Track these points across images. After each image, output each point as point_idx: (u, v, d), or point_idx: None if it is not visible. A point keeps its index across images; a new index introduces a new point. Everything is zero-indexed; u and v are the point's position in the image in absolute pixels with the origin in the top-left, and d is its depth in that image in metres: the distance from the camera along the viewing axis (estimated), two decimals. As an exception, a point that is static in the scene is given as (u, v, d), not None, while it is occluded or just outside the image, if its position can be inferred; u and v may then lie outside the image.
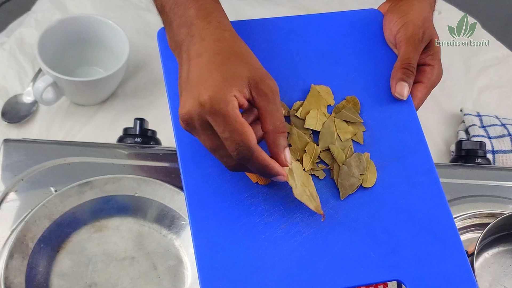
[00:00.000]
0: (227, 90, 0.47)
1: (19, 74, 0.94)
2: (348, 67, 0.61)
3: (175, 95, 0.53)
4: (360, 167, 0.55)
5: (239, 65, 0.49)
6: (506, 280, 0.71)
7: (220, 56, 0.49)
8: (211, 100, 0.46)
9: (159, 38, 0.60)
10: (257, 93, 0.49)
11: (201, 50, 0.50)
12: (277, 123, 0.49)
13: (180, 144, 0.55)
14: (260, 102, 0.49)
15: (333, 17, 0.64)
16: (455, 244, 0.53)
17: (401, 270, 0.52)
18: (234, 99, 0.47)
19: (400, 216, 0.54)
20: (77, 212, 0.69)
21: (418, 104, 0.60)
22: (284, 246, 0.51)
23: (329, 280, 0.50)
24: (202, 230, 0.51)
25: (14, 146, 0.73)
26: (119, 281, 0.66)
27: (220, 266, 0.50)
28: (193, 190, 0.53)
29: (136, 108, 0.93)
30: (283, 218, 0.53)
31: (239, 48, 0.51)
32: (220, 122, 0.47)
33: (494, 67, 1.05)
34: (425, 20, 0.61)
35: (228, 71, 0.48)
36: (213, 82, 0.47)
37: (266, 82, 0.49)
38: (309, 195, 0.53)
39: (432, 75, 0.60)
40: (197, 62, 0.49)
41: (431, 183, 0.56)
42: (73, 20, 0.91)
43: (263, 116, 0.49)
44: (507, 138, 0.90)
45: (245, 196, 0.53)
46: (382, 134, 0.58)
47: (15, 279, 0.63)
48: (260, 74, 0.49)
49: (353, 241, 0.52)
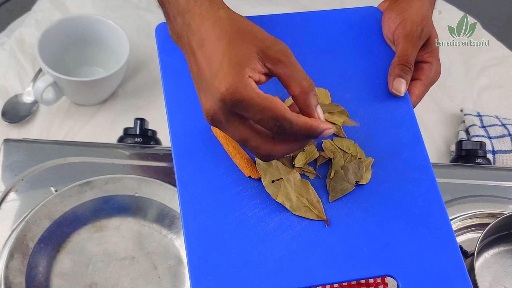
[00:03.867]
0: (241, 75, 0.46)
1: (19, 74, 0.94)
2: (346, 64, 0.61)
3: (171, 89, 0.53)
4: (358, 174, 0.55)
5: (244, 42, 0.47)
6: (506, 280, 0.71)
7: (223, 41, 0.48)
8: (230, 91, 0.45)
9: (157, 33, 0.60)
10: (271, 62, 0.47)
11: (202, 39, 0.49)
12: (303, 83, 0.48)
13: (174, 138, 0.55)
14: (277, 70, 0.48)
15: (332, 15, 0.64)
16: (449, 240, 0.53)
17: (394, 266, 0.51)
18: (250, 80, 0.46)
19: (394, 212, 0.54)
20: (77, 212, 0.69)
21: (415, 101, 0.60)
22: (275, 240, 0.51)
23: (320, 275, 0.50)
24: (193, 223, 0.51)
25: (14, 146, 0.73)
26: (119, 281, 0.66)
27: (210, 260, 0.50)
28: (186, 183, 0.53)
29: (136, 108, 0.93)
30: (275, 212, 0.52)
31: (238, 24, 0.49)
32: (248, 107, 0.46)
33: (494, 67, 1.05)
34: (424, 18, 0.60)
35: (235, 54, 0.47)
36: (224, 72, 0.46)
37: (276, 48, 0.48)
38: (307, 205, 0.53)
39: (430, 72, 0.60)
40: (202, 53, 0.48)
41: (427, 179, 0.55)
42: (73, 20, 0.91)
43: (286, 81, 0.48)
44: (507, 138, 0.90)
45: (238, 190, 0.53)
46: (378, 130, 0.58)
47: (15, 279, 0.63)
48: (266, 43, 0.48)
49: (345, 235, 0.52)
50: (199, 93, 0.49)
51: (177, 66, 0.58)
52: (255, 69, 0.47)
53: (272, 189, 0.53)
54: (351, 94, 0.60)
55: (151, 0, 1.03)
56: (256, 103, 0.45)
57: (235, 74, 0.46)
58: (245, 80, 0.46)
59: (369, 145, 0.57)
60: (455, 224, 0.74)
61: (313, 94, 0.49)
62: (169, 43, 0.57)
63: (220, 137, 0.55)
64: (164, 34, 0.59)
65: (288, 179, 0.53)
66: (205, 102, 0.48)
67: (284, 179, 0.53)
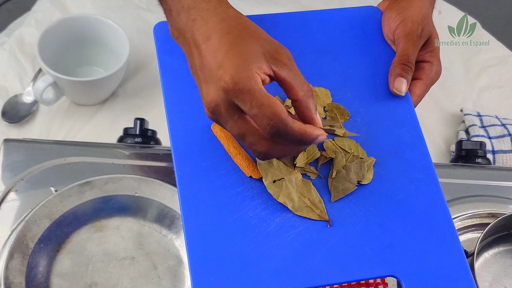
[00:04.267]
0: (247, 68, 0.46)
1: (19, 74, 0.94)
2: (346, 64, 0.61)
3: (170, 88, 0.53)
4: (360, 174, 0.55)
5: (252, 41, 0.48)
6: (506, 280, 0.71)
7: (231, 35, 0.48)
8: (234, 80, 0.45)
9: (155, 32, 0.60)
10: (276, 65, 0.48)
11: (208, 33, 0.48)
12: (304, 87, 0.48)
13: (174, 138, 0.55)
14: (281, 73, 0.48)
15: (332, 14, 0.64)
16: (452, 240, 0.53)
17: (397, 266, 0.51)
18: (256, 75, 0.46)
19: (397, 212, 0.54)
20: (77, 212, 0.69)
21: (416, 101, 0.60)
22: (277, 240, 0.51)
23: (322, 275, 0.50)
24: (194, 224, 0.51)
25: (14, 146, 0.73)
26: (119, 281, 0.66)
27: (212, 260, 0.50)
28: (186, 184, 0.53)
29: (136, 108, 0.93)
30: (277, 213, 0.52)
31: (246, 24, 0.49)
32: (247, 99, 0.45)
33: (494, 67, 1.05)
34: (424, 17, 0.60)
35: (242, 49, 0.47)
36: (231, 63, 0.46)
37: (281, 52, 0.48)
38: (309, 205, 0.53)
39: (431, 72, 0.60)
40: (207, 46, 0.48)
41: (429, 179, 0.55)
42: (73, 20, 0.91)
43: (289, 85, 0.48)
44: (507, 138, 0.91)
45: (239, 190, 0.53)
46: (379, 130, 0.58)
47: (15, 279, 0.63)
48: (273, 46, 0.48)
49: (348, 236, 0.52)
50: (201, 86, 0.49)
51: (176, 65, 0.58)
52: (260, 68, 0.47)
53: (274, 189, 0.53)
54: (352, 94, 0.60)
55: (151, 0, 1.03)
56: (257, 97, 0.45)
57: (242, 66, 0.46)
58: (250, 72, 0.46)
59: (371, 144, 0.57)
60: (455, 224, 0.74)
61: (312, 98, 0.49)
62: (168, 42, 0.57)
63: (221, 137, 0.55)
64: (163, 33, 0.59)
65: (289, 179, 0.53)
66: (206, 94, 0.48)
67: (286, 179, 0.53)
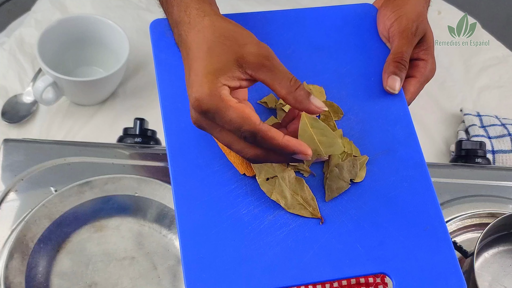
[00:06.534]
0: (212, 84, 0.46)
1: (19, 74, 0.94)
2: (341, 61, 0.61)
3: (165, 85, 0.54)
4: (353, 172, 0.54)
5: (222, 50, 0.48)
6: (506, 280, 0.71)
7: (202, 49, 0.48)
8: (198, 102, 0.46)
9: (152, 30, 0.60)
10: (252, 68, 0.48)
11: (188, 48, 0.50)
12: (287, 84, 0.48)
13: (168, 134, 0.55)
14: (259, 75, 0.48)
15: (327, 11, 0.64)
16: (443, 238, 0.53)
17: (388, 263, 0.51)
18: (222, 89, 0.46)
19: (388, 209, 0.54)
20: (77, 212, 0.69)
21: (410, 99, 0.60)
22: (270, 238, 0.51)
23: (314, 272, 0.50)
24: (187, 221, 0.51)
25: (14, 146, 0.73)
26: (119, 281, 0.66)
27: (204, 257, 0.50)
28: (180, 181, 0.53)
29: (136, 108, 0.93)
30: (270, 210, 0.52)
31: (220, 31, 0.49)
32: (217, 117, 0.46)
33: (494, 67, 1.05)
34: (419, 15, 0.60)
35: (210, 62, 0.47)
36: (198, 81, 0.47)
37: (257, 53, 0.48)
38: (302, 203, 0.53)
39: (425, 70, 0.60)
40: (187, 62, 0.49)
41: (421, 177, 0.55)
42: (73, 20, 0.91)
43: (270, 85, 0.48)
44: (507, 138, 0.91)
45: (232, 187, 0.53)
46: (372, 127, 0.58)
47: (15, 279, 0.63)
48: (248, 49, 0.48)
49: (340, 233, 0.52)
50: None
51: (171, 63, 0.58)
52: (233, 76, 0.47)
53: (267, 186, 0.53)
54: (346, 91, 0.60)
55: (151, 0, 1.03)
56: (223, 114, 0.46)
57: (207, 83, 0.46)
58: (216, 89, 0.46)
59: (364, 142, 0.57)
60: (455, 224, 0.74)
61: (299, 90, 0.48)
62: (164, 39, 0.58)
63: None
64: (159, 30, 0.59)
65: (282, 177, 0.53)
66: (190, 111, 0.49)
67: (279, 177, 0.53)
